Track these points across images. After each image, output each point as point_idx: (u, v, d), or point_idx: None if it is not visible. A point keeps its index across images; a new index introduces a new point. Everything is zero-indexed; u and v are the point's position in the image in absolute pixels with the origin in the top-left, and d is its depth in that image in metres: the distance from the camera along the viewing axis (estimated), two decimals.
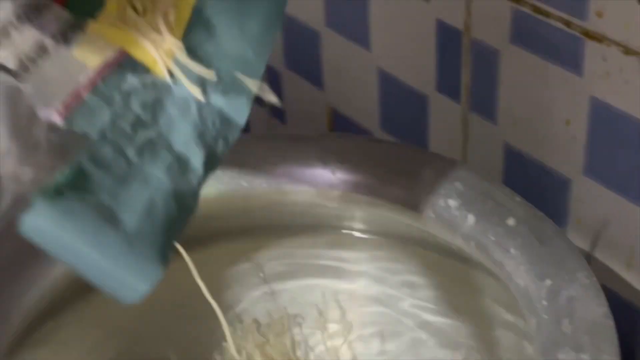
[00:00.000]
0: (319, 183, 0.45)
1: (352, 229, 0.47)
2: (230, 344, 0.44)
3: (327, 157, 0.45)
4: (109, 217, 0.30)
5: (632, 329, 0.47)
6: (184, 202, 0.33)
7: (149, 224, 0.31)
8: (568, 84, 0.49)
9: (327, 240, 0.48)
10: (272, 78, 0.70)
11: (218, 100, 0.36)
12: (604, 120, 0.49)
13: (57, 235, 0.29)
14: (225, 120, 0.36)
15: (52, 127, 0.33)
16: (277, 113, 0.72)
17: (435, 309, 0.46)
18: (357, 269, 0.48)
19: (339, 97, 0.66)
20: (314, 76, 0.67)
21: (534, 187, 0.51)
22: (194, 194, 0.34)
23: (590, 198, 0.51)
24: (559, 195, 0.53)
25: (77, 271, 0.29)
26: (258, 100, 0.41)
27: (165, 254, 0.31)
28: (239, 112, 0.37)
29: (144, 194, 0.32)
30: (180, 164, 0.34)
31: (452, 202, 0.42)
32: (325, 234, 0.47)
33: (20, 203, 0.29)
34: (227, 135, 0.36)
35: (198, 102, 0.36)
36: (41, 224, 0.29)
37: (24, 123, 0.33)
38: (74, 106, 0.33)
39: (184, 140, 0.35)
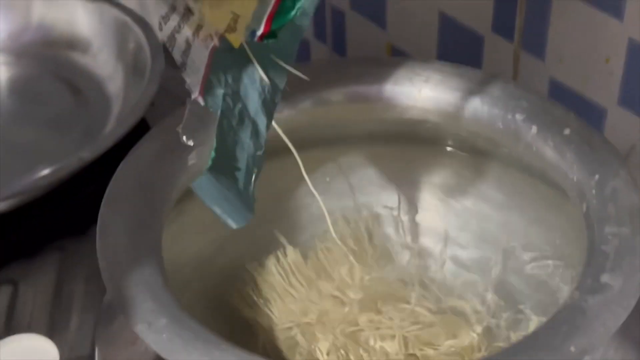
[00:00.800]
0: (405, 100, 0.53)
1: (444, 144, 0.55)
2: (332, 231, 0.52)
3: (412, 77, 0.53)
4: (233, 179, 0.40)
5: None
6: (259, 161, 0.42)
7: (247, 180, 0.41)
8: (610, 27, 0.55)
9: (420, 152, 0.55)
10: (336, 19, 0.75)
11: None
12: (639, 58, 0.55)
13: (209, 192, 0.39)
14: (274, 88, 0.43)
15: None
16: (338, 48, 0.77)
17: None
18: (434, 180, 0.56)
19: (400, 35, 0.71)
20: (377, 16, 0.72)
21: None
22: (263, 153, 0.42)
23: (623, 125, 0.58)
24: (595, 122, 0.59)
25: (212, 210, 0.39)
26: (320, 36, 0.47)
27: (253, 202, 0.40)
28: (282, 80, 0.44)
29: (243, 156, 0.42)
30: (254, 128, 0.43)
31: (519, 116, 0.51)
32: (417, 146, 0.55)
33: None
34: (275, 100, 0.43)
35: (259, 73, 0.43)
36: (202, 185, 0.39)
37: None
38: (205, 87, 0.41)
39: (255, 107, 0.43)
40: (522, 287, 0.52)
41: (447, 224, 0.56)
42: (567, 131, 0.49)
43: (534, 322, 0.50)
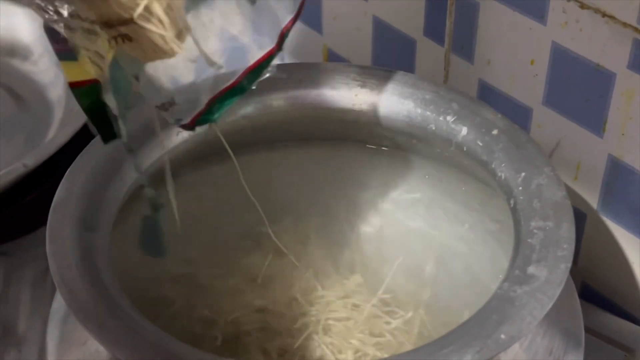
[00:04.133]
0: (342, 103, 0.55)
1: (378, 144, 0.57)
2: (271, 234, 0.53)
3: (349, 82, 0.55)
4: None
5: (577, 228, 0.51)
6: None
7: None
8: (534, 31, 0.55)
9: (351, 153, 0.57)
10: None
11: None
12: (561, 60, 0.56)
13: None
14: None
15: None
16: None
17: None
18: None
19: (336, 39, 0.73)
20: (313, 21, 0.73)
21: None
22: None
23: (547, 123, 0.59)
24: (522, 121, 0.60)
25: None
26: None
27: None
28: None
29: None
30: None
31: (450, 118, 0.53)
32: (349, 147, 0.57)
33: None
34: None
35: None
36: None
37: None
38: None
39: None
40: (454, 280, 0.54)
41: (383, 221, 0.58)
42: (495, 132, 0.51)
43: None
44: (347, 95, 0.54)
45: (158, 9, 0.37)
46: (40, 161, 0.62)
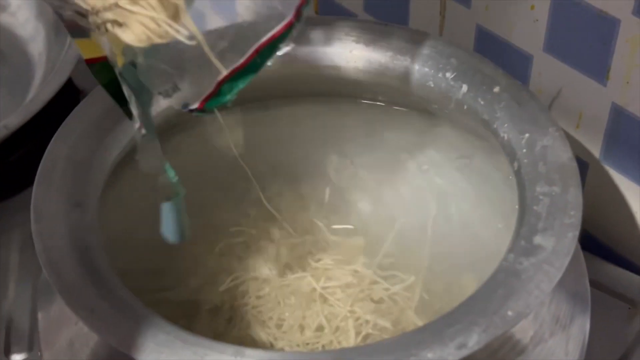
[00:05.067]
0: (337, 60, 0.53)
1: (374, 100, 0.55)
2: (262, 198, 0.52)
3: (343, 38, 0.53)
4: None
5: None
6: None
7: None
8: None
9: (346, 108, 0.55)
10: None
11: None
12: (563, 5, 0.54)
13: None
14: None
15: None
16: None
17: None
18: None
19: None
20: None
21: (501, 62, 0.53)
22: None
23: (548, 71, 0.58)
24: (522, 68, 0.59)
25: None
26: None
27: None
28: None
29: None
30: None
31: (449, 75, 0.51)
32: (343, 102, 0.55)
33: None
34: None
35: None
36: None
37: None
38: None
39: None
40: (457, 244, 0.53)
41: (381, 181, 0.56)
42: (496, 89, 0.49)
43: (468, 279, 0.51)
44: (341, 52, 0.52)
45: None
46: (22, 122, 0.60)
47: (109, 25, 0.37)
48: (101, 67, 0.40)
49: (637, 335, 0.54)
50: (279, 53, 0.41)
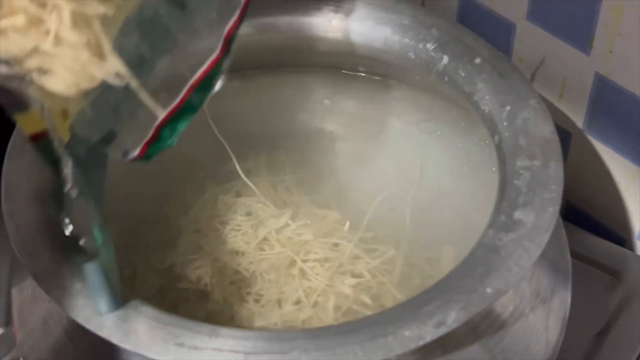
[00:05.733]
0: (315, 31, 0.52)
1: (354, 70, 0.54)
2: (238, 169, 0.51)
3: (322, 7, 0.52)
4: None
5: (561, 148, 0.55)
6: None
7: None
8: None
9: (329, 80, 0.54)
10: None
11: None
12: None
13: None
14: None
15: None
16: None
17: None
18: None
19: None
20: None
21: (484, 31, 0.55)
22: None
23: (531, 39, 0.57)
24: (505, 37, 0.59)
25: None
26: None
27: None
28: None
29: None
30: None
31: (429, 45, 0.50)
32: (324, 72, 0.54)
33: None
34: None
35: None
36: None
37: None
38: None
39: None
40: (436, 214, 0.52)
41: (361, 151, 0.55)
42: (478, 60, 0.49)
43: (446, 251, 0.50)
44: (321, 21, 0.51)
45: (65, 28, 0.32)
46: None
47: (34, 76, 0.33)
48: (47, 142, 0.36)
49: (619, 306, 0.54)
50: (214, 90, 0.39)
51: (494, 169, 0.46)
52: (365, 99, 0.55)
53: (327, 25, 0.51)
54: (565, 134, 0.58)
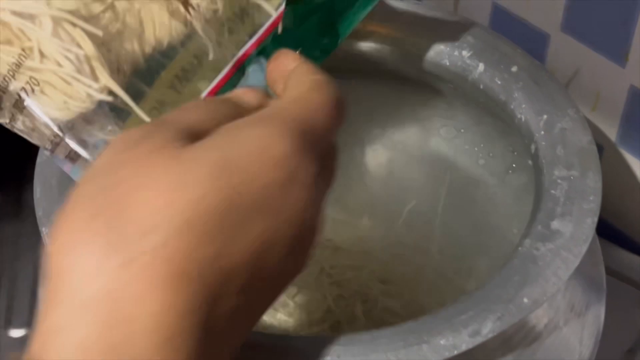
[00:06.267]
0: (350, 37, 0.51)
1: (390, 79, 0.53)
2: None
3: None
4: None
5: None
6: None
7: None
8: None
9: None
10: None
11: None
12: None
13: None
14: None
15: None
16: None
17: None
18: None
19: None
20: None
21: (516, 41, 0.54)
22: None
23: (565, 51, 0.57)
24: (538, 48, 0.59)
25: None
26: None
27: None
28: None
29: None
30: None
31: (465, 53, 0.50)
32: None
33: None
34: None
35: None
36: None
37: None
38: None
39: None
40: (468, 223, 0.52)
41: (393, 159, 0.55)
42: (514, 68, 0.48)
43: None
44: (355, 28, 0.50)
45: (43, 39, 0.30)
46: None
47: (23, 95, 0.31)
48: None
49: None
50: None
51: (525, 179, 0.46)
52: (397, 105, 0.55)
53: (358, 30, 0.51)
54: (598, 148, 0.57)
